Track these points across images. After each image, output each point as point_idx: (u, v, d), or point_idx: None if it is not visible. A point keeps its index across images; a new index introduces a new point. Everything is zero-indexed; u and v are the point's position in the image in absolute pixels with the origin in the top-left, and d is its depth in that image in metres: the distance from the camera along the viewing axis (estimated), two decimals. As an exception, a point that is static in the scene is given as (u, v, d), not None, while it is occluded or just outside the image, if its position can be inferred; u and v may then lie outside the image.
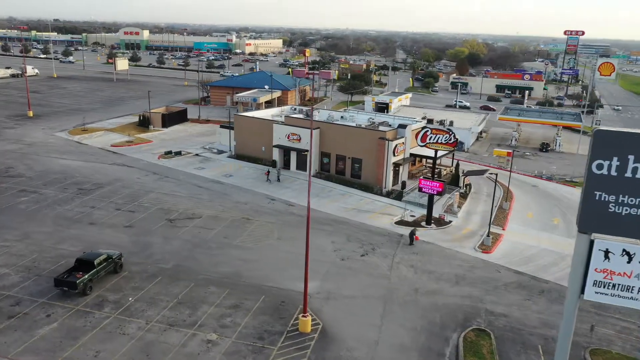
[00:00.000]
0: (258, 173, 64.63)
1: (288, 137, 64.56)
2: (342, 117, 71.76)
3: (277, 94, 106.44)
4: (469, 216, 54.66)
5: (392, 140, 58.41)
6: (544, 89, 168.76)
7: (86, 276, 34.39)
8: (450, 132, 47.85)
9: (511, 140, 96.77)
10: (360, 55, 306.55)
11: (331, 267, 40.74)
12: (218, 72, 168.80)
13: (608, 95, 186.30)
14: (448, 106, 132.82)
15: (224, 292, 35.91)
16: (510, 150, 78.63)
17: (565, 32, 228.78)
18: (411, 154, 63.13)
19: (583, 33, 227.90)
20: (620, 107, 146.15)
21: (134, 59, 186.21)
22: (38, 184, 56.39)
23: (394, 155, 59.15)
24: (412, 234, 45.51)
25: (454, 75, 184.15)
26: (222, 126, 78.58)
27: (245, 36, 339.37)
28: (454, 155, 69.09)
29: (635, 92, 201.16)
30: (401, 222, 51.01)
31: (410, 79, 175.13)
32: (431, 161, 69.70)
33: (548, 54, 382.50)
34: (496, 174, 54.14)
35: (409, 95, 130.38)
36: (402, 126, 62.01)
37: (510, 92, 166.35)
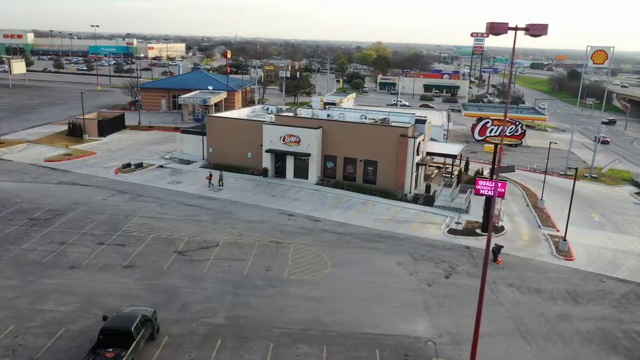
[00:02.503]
0: (252, 184, 53.52)
1: (283, 140, 54.16)
2: (328, 115, 62.71)
3: (223, 95, 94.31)
4: (510, 218, 48.49)
5: (415, 138, 50.67)
6: (470, 88, 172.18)
7: (127, 354, 22.24)
8: (517, 123, 41.23)
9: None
10: (269, 59, 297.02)
11: (425, 296, 31.84)
12: (151, 78, 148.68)
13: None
14: (389, 105, 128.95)
15: (321, 352, 25.54)
16: (501, 146, 74.73)
17: (472, 34, 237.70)
18: (427, 153, 55.92)
19: (488, 35, 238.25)
20: (546, 105, 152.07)
21: (26, 64, 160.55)
22: (-34, 217, 40.86)
23: (417, 154, 51.48)
24: (495, 250, 37.88)
25: (381, 76, 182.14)
26: (184, 131, 65.87)
27: (141, 41, 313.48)
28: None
29: (540, 90, 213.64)
30: (454, 232, 43.37)
31: (340, 80, 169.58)
32: (440, 161, 63.74)
33: (444, 58, 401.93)
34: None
35: (354, 95, 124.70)
36: (420, 121, 54.55)
37: (437, 91, 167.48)
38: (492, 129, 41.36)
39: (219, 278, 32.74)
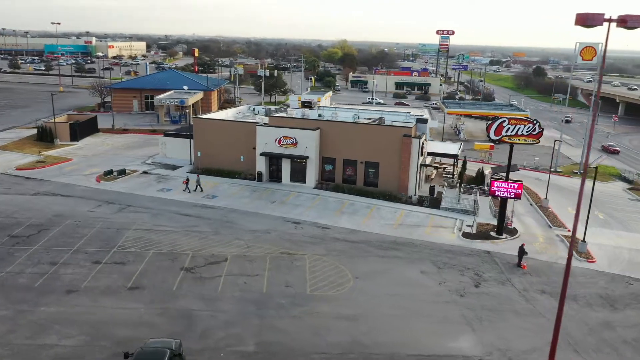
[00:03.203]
0: (247, 189, 50.44)
1: (279, 142, 51.27)
2: (319, 115, 60.19)
3: (199, 95, 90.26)
4: (519, 219, 47.24)
5: (420, 138, 48.78)
6: (440, 85, 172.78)
7: (161, 400, 19.21)
8: (534, 122, 39.79)
9: (457, 133, 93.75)
10: (233, 57, 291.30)
11: (461, 309, 29.84)
12: (121, 78, 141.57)
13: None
14: (365, 103, 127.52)
15: (370, 379, 23.11)
16: (492, 144, 74.08)
17: (437, 32, 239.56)
18: (428, 153, 54.18)
19: (453, 32, 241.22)
20: (516, 102, 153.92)
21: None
22: (-64, 236, 36.23)
23: (421, 155, 49.63)
24: (521, 252, 36.37)
25: (352, 74, 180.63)
26: (167, 134, 62.03)
27: (100, 39, 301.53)
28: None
29: (505, 86, 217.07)
30: (468, 235, 41.66)
31: (312, 78, 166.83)
32: (438, 161, 62.25)
33: (408, 56, 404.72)
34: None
35: (330, 93, 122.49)
36: (422, 121, 52.71)
37: (409, 88, 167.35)
38: (509, 128, 39.60)
39: (237, 298, 29.78)
